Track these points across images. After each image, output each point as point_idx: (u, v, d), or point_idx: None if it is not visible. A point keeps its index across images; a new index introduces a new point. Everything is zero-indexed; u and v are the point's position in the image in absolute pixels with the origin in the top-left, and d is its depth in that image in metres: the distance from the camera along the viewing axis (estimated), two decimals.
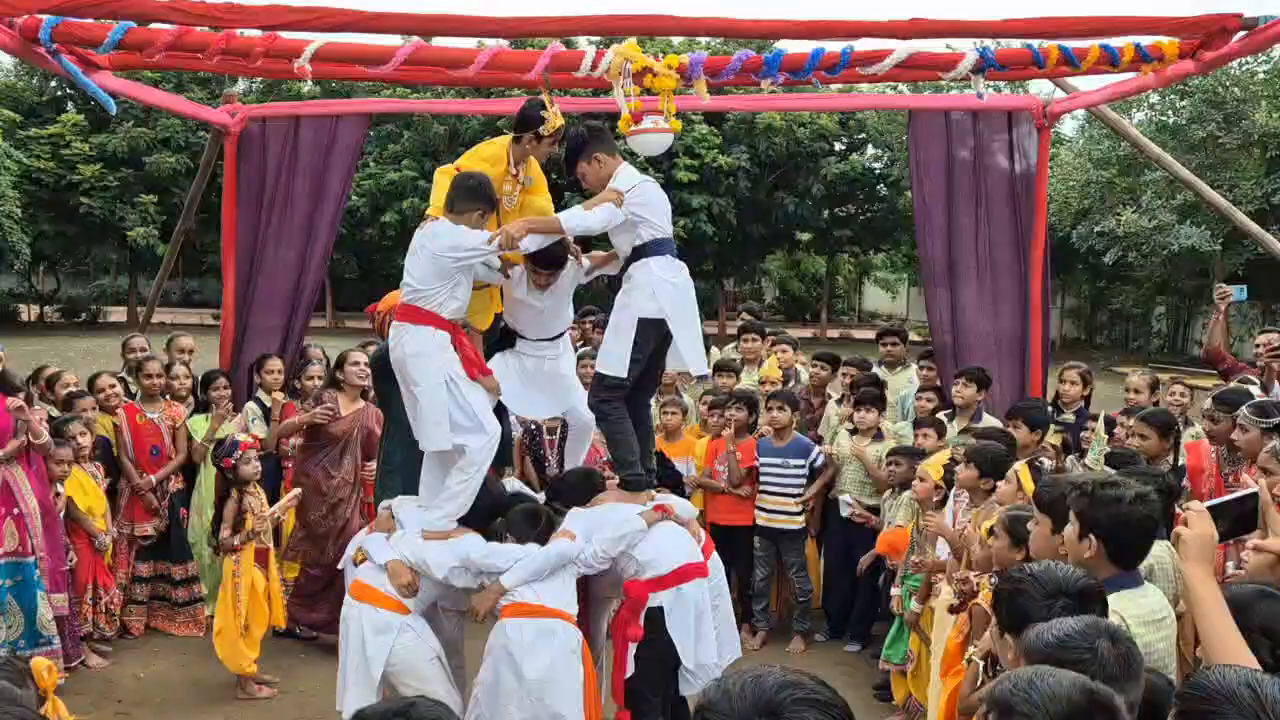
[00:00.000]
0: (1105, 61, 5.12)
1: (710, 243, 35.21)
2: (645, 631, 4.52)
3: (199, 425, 7.04)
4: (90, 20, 5.17)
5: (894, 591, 5.83)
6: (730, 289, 42.24)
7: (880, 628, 6.53)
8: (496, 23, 5.05)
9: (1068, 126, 31.41)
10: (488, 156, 5.07)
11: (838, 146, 36.13)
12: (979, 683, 3.19)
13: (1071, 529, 2.91)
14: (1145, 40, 5.05)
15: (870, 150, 36.72)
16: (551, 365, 5.11)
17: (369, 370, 6.33)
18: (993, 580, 3.72)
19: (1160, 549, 3.54)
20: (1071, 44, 5.08)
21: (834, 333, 39.67)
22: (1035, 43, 5.14)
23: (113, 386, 6.86)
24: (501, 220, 4.90)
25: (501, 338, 5.19)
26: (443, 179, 4.91)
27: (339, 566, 5.18)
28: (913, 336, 8.84)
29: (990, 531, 3.99)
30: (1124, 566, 2.86)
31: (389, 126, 32.58)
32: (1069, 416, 6.84)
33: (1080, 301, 38.40)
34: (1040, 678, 1.86)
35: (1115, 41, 5.12)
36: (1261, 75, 25.88)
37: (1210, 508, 2.58)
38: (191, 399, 7.41)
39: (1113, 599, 2.67)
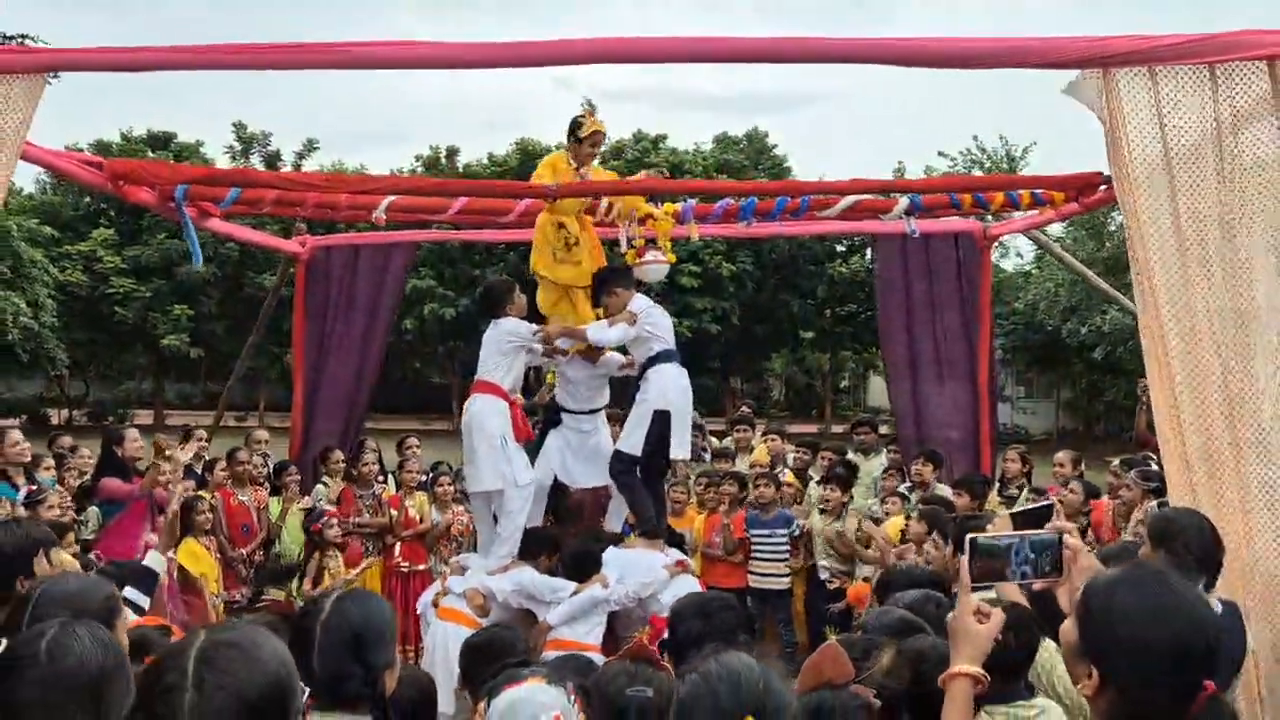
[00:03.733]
0: (1008, 205, 6.54)
1: (716, 343, 36.69)
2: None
3: (276, 507, 8.32)
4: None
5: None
6: (737, 386, 43.56)
7: None
8: (523, 186, 6.52)
9: (1056, 228, 33.05)
10: (551, 163, 6.51)
11: (839, 249, 37.64)
12: None
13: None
14: (1039, 190, 6.47)
15: (870, 253, 38.25)
16: (594, 441, 6.52)
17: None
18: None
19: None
20: (984, 193, 6.51)
21: (839, 427, 40.72)
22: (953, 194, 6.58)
23: (248, 462, 8.16)
24: (580, 226, 6.50)
25: (551, 415, 6.55)
26: (545, 171, 6.39)
27: (417, 610, 6.44)
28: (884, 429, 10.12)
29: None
30: None
31: None
32: (1013, 490, 8.13)
33: (1076, 394, 39.55)
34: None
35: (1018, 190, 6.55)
36: None
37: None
38: (267, 484, 8.71)
39: None
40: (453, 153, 40.34)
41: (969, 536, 2.45)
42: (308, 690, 2.05)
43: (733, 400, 37.48)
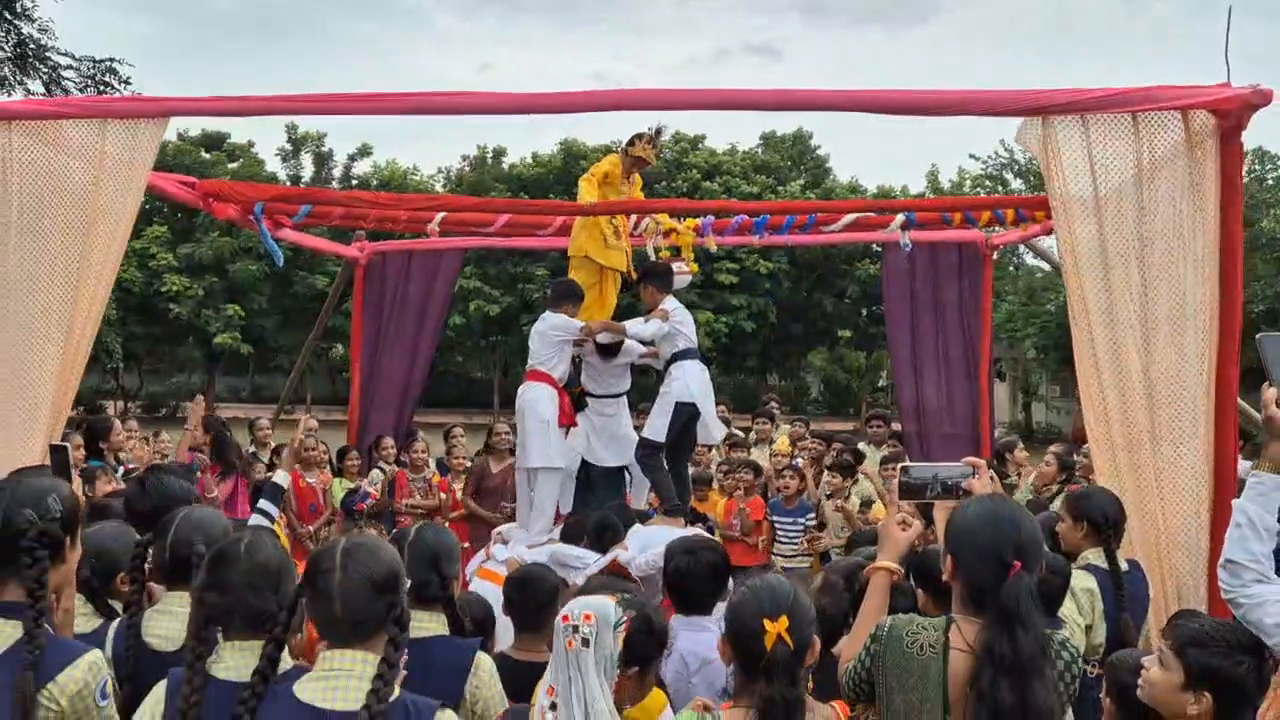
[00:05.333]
0: (994, 221, 7.32)
1: (752, 340, 37.44)
2: None
3: (338, 489, 9.23)
4: None
5: None
6: (774, 383, 44.31)
7: None
8: (558, 205, 7.37)
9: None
10: (605, 166, 7.42)
11: (875, 248, 38.22)
12: None
13: None
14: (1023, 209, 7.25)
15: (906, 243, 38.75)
16: (615, 425, 7.38)
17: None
18: None
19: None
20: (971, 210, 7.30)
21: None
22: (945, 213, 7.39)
23: (315, 447, 9.09)
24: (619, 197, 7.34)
25: (578, 398, 7.44)
26: (586, 186, 7.28)
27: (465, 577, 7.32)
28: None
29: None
30: None
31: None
32: (1013, 479, 8.89)
33: None
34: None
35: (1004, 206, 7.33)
36: (1270, 182, 27.86)
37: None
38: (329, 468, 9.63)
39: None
40: (499, 154, 41.39)
41: (900, 465, 3.29)
42: None
43: (764, 398, 38.22)
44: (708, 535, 4.85)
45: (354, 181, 41.38)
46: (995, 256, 9.66)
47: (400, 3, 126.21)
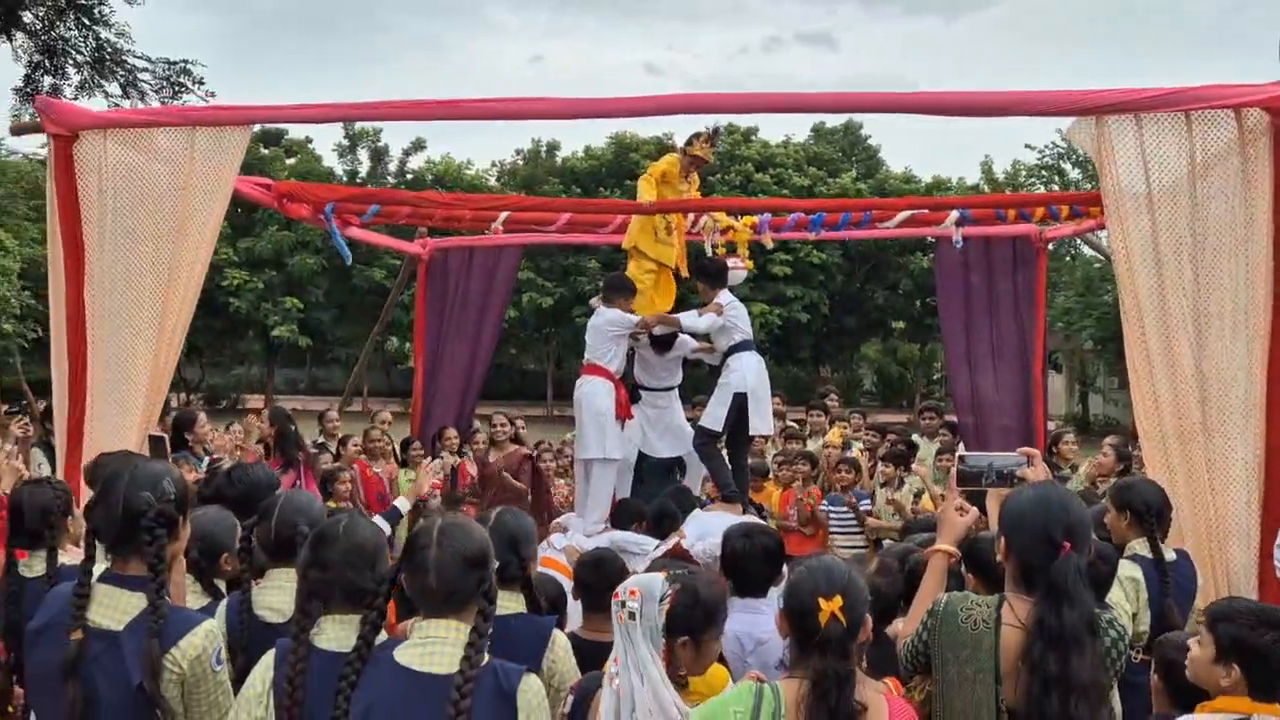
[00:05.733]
0: (1048, 216, 7.41)
1: (806, 332, 37.46)
2: None
3: (403, 478, 9.51)
4: None
5: None
6: (827, 375, 44.29)
7: None
8: (617, 204, 7.57)
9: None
10: (664, 165, 7.60)
11: (929, 240, 37.96)
12: None
13: None
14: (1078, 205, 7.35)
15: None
16: (669, 416, 7.56)
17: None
18: None
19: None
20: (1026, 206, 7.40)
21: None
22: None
23: (383, 439, 9.39)
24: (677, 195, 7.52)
25: (631, 391, 7.64)
26: (644, 185, 7.46)
27: None
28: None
29: None
30: None
31: None
32: (1065, 471, 8.97)
33: None
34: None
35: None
36: None
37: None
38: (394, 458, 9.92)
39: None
40: (553, 148, 41.75)
41: (958, 454, 3.48)
42: None
43: (818, 390, 38.24)
44: (763, 524, 5.02)
45: (409, 176, 41.93)
46: (1050, 247, 9.72)
47: None
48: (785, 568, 4.22)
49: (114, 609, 2.83)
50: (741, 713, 2.64)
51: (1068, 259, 36.33)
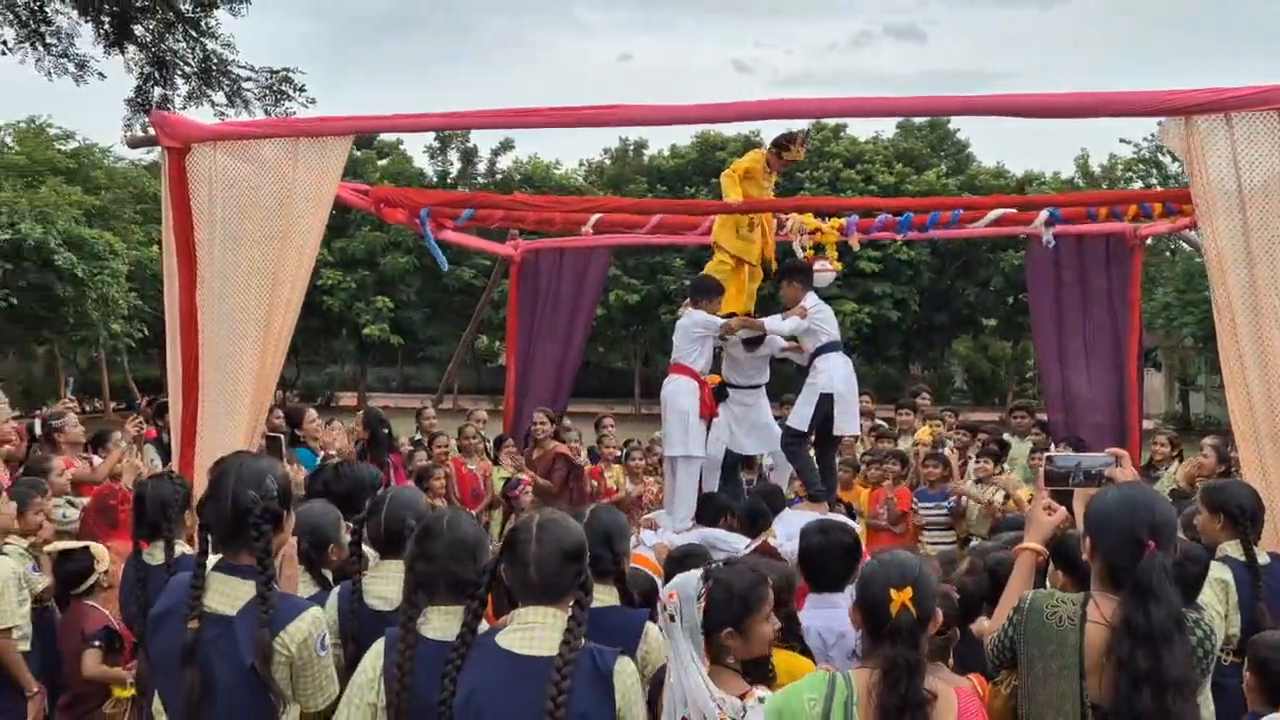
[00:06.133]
0: (1141, 214, 7.34)
1: (896, 330, 37.14)
2: None
3: (497, 476, 9.73)
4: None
5: None
6: (918, 372, 43.84)
7: None
8: (708, 204, 7.69)
9: None
10: (749, 162, 7.67)
11: (1020, 237, 37.33)
12: None
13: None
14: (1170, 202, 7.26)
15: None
16: (756, 414, 7.63)
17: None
18: None
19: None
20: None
21: None
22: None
23: (476, 437, 9.63)
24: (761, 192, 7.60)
25: (719, 389, 7.73)
26: (728, 183, 7.54)
27: None
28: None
29: None
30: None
31: None
32: (1160, 473, 8.86)
33: None
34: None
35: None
36: None
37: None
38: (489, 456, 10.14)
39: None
40: (640, 146, 41.96)
41: (1046, 455, 3.53)
42: None
43: (908, 388, 37.87)
44: (841, 518, 5.09)
45: (498, 176, 42.46)
46: (1149, 242, 9.58)
47: None
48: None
49: (228, 595, 3.01)
50: (815, 700, 2.74)
51: (1167, 254, 35.44)
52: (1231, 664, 4.09)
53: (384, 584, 3.54)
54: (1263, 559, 4.46)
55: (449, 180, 42.80)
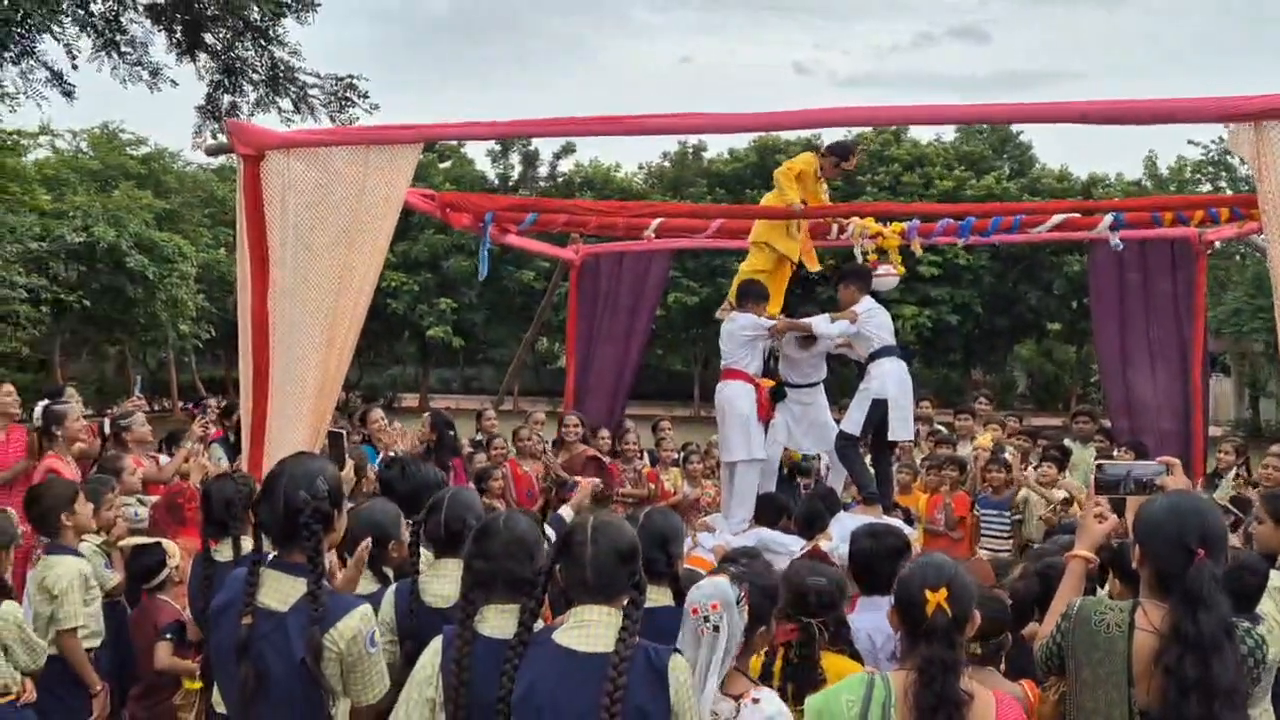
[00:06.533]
0: (1208, 219, 7.25)
1: (956, 334, 36.78)
2: None
3: None
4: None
5: None
6: (979, 377, 43.38)
7: None
8: (769, 210, 7.75)
9: None
10: (803, 165, 7.74)
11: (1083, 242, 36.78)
12: None
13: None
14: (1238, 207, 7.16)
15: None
16: (814, 412, 7.66)
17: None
18: None
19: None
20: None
21: None
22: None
23: (532, 438, 9.74)
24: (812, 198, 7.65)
25: (776, 389, 7.75)
26: (787, 183, 7.58)
27: None
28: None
29: None
30: None
31: None
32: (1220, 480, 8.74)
33: None
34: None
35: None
36: None
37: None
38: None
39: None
40: (699, 150, 41.98)
41: (1097, 462, 3.55)
42: None
43: (970, 392, 37.46)
44: (894, 521, 5.10)
45: (559, 179, 42.69)
46: (1218, 245, 9.44)
47: None
48: None
49: (281, 592, 3.10)
50: (853, 702, 2.79)
51: (1237, 258, 34.74)
52: None
53: (442, 582, 3.62)
54: None
55: (510, 184, 43.12)
